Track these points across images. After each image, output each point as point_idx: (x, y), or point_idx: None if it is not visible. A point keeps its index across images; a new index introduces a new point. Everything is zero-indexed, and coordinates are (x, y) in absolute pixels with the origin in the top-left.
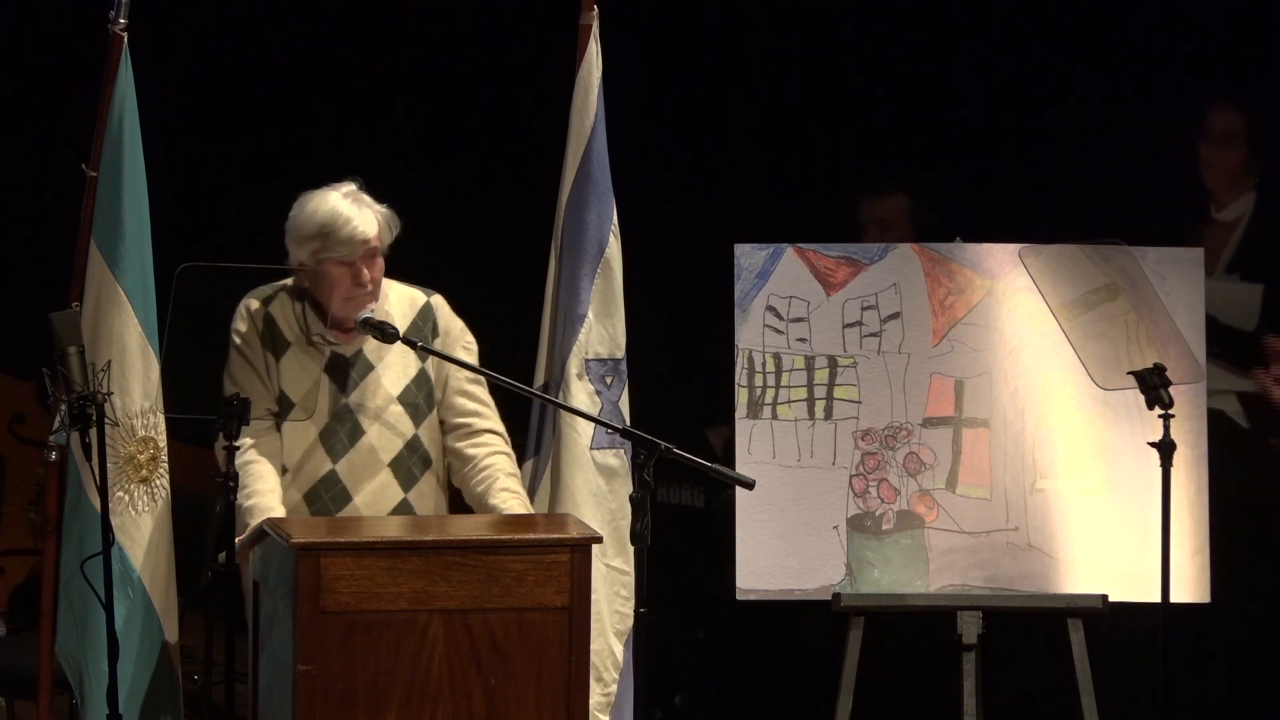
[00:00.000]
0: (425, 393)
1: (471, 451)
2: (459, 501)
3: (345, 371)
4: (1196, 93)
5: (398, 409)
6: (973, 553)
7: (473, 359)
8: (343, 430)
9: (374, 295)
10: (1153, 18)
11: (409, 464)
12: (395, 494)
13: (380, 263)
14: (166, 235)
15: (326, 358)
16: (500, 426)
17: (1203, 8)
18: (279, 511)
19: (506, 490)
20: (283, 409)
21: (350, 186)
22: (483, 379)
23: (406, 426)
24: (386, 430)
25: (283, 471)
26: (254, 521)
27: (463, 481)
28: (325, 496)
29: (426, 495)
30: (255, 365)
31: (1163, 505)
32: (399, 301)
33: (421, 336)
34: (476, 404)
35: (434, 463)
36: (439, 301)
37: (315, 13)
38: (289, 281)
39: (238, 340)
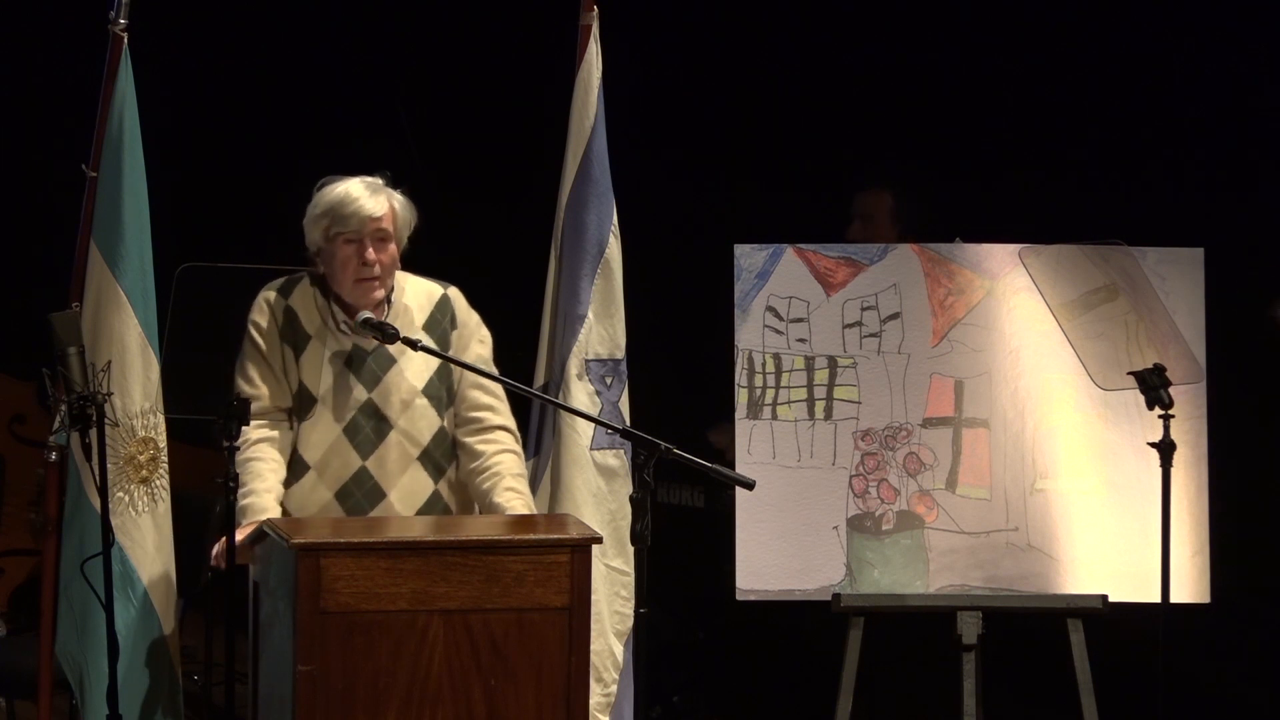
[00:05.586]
0: (446, 386)
1: (481, 447)
2: None
3: (367, 366)
4: (1196, 91)
5: (423, 401)
6: (973, 553)
7: (487, 351)
8: (369, 426)
9: (384, 282)
10: (1152, 17)
11: (436, 456)
12: (427, 485)
13: (391, 249)
14: (166, 235)
15: (348, 351)
16: (511, 423)
17: (1203, 7)
18: (273, 511)
19: (511, 490)
20: (302, 403)
21: (375, 177)
22: (497, 373)
23: (433, 419)
24: (413, 423)
25: (305, 468)
26: (247, 521)
27: (469, 477)
28: (358, 494)
29: (455, 483)
30: (270, 360)
31: (1163, 505)
32: (416, 294)
33: (439, 329)
34: (490, 398)
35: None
36: (456, 294)
37: (315, 13)
38: (309, 271)
39: (255, 334)
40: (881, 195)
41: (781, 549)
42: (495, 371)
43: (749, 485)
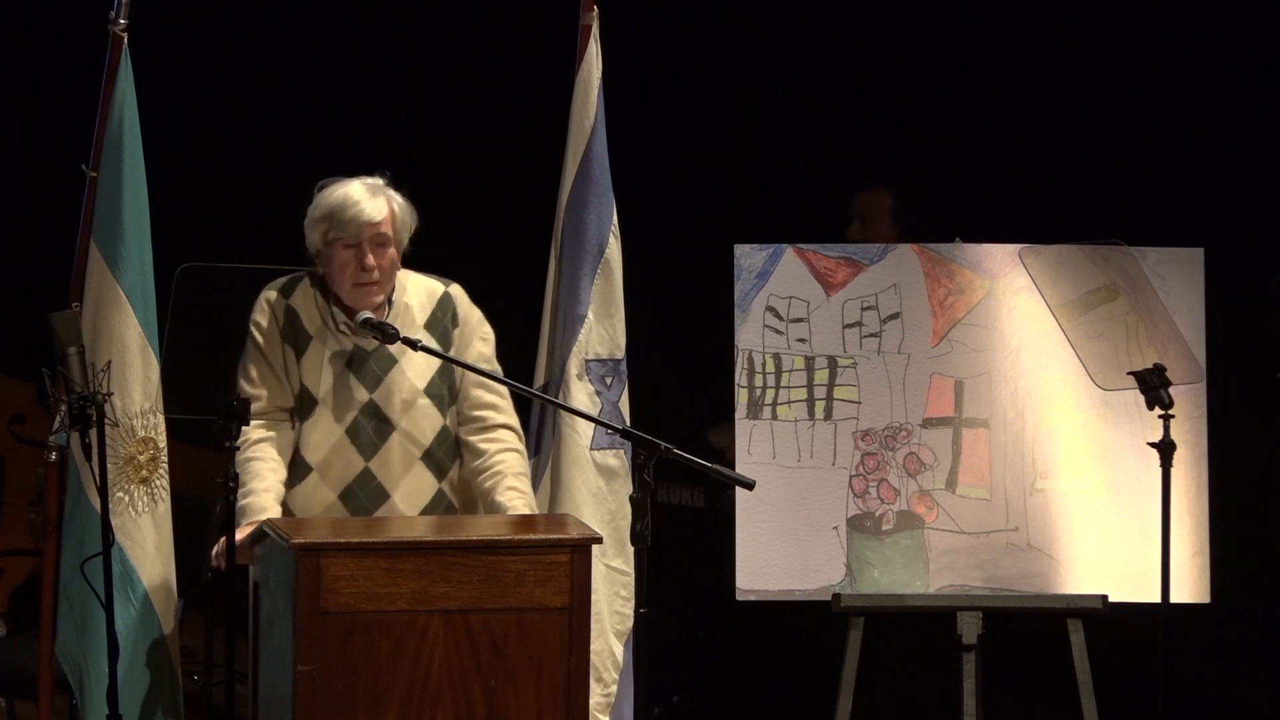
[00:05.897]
0: (449, 384)
1: (484, 446)
2: None
3: (368, 367)
4: (1196, 91)
5: (425, 401)
6: (972, 553)
7: (489, 349)
8: (370, 427)
9: (383, 286)
10: (1152, 17)
11: (439, 455)
12: (431, 485)
13: (391, 253)
14: (166, 235)
15: (349, 351)
16: (515, 421)
17: (1203, 7)
18: (272, 511)
19: (513, 489)
20: (304, 404)
21: (375, 178)
22: (500, 371)
23: (435, 418)
24: (416, 424)
25: (308, 469)
26: (247, 521)
27: (471, 475)
28: (361, 495)
29: (458, 482)
30: (271, 360)
31: (1163, 505)
32: (417, 292)
33: (441, 326)
34: (494, 396)
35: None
36: (457, 291)
37: (316, 13)
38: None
39: (256, 334)
40: (881, 195)
41: (781, 549)
42: (498, 369)
43: (749, 485)
